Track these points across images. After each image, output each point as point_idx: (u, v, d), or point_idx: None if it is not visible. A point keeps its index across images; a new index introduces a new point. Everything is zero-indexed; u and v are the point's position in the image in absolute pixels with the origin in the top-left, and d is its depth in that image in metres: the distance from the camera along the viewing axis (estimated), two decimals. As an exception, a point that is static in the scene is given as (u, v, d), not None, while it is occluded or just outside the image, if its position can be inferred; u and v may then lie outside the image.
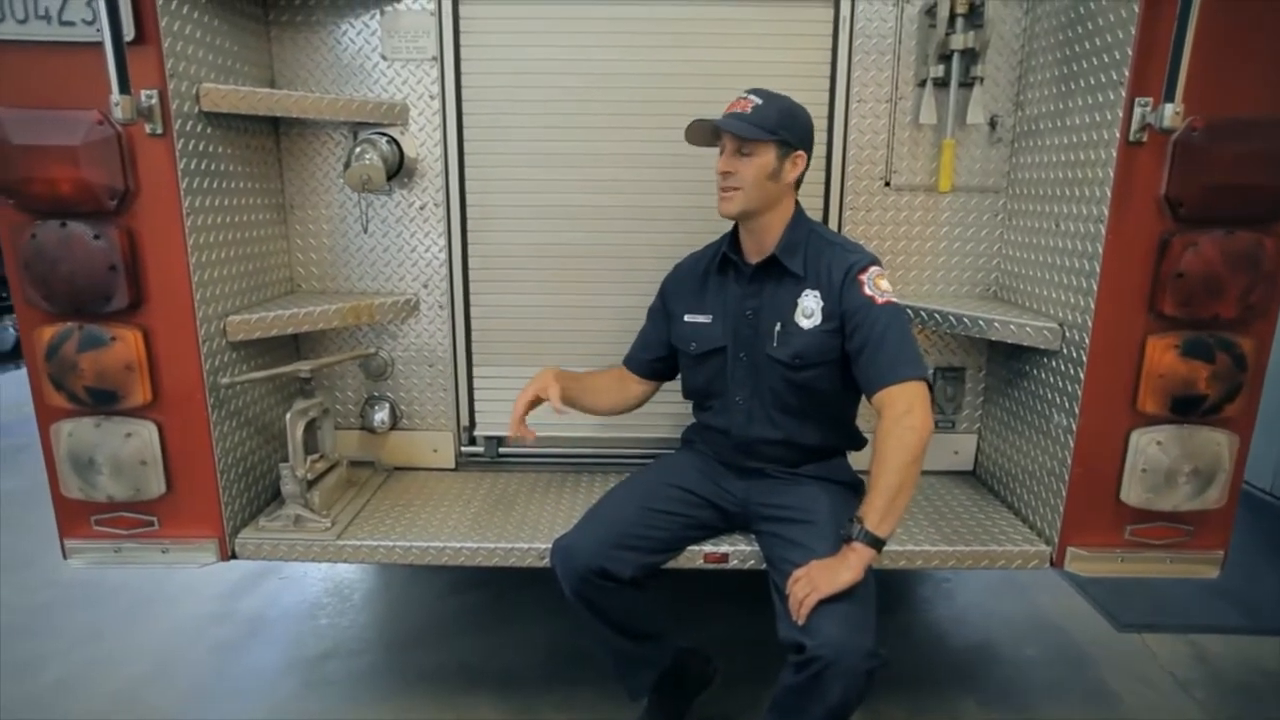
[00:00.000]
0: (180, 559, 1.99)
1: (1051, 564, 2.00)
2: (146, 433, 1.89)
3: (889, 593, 2.82)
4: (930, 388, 1.76)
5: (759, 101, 1.79)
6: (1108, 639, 2.66)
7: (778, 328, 1.87)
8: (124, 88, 1.65)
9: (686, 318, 2.02)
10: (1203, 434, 1.87)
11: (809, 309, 1.84)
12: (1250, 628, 2.71)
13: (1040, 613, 2.80)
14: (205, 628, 2.70)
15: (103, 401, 1.86)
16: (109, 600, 2.82)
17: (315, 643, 2.61)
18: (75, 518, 1.96)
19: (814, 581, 1.63)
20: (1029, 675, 2.47)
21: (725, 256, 1.96)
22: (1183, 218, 1.76)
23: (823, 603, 1.62)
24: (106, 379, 1.84)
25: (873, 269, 1.81)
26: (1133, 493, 1.90)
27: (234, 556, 2.01)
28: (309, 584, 3.00)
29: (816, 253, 1.85)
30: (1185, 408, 1.85)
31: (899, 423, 1.69)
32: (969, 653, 2.59)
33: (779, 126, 1.77)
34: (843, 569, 1.64)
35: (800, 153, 1.82)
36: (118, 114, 1.66)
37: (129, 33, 1.68)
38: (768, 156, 1.78)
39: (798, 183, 1.87)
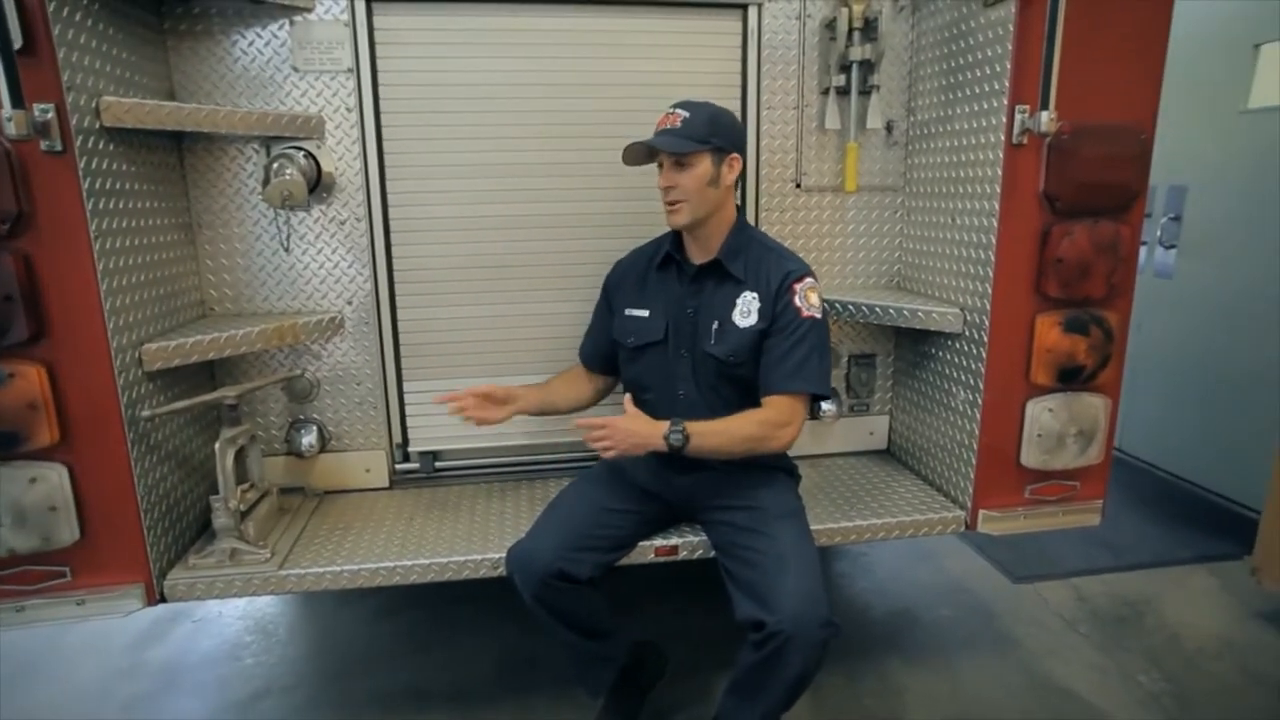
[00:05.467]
0: (100, 609, 1.84)
1: (966, 527, 2.21)
2: (55, 475, 1.73)
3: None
4: (821, 399, 1.99)
5: (686, 114, 1.86)
6: (1006, 592, 2.94)
7: (715, 326, 1.96)
8: (17, 101, 1.53)
9: (627, 311, 2.08)
10: (1084, 399, 2.13)
11: (747, 309, 1.94)
12: (1115, 566, 3.08)
13: (949, 576, 3.06)
14: (112, 685, 2.48)
15: (1, 445, 1.69)
16: (-11, 667, 2.54)
17: (243, 684, 2.46)
18: (-35, 579, 1.77)
19: (620, 430, 1.82)
20: (945, 632, 2.70)
21: (668, 255, 2.03)
22: (1059, 210, 2.00)
23: (777, 579, 1.72)
24: (4, 420, 1.67)
25: (807, 280, 1.93)
26: (1031, 456, 2.14)
27: (163, 600, 1.88)
28: (225, 624, 2.82)
29: (757, 258, 1.96)
30: (1069, 377, 2.09)
31: (772, 424, 1.88)
32: (892, 618, 2.79)
33: (710, 134, 1.85)
34: (652, 433, 1.83)
35: (734, 155, 1.91)
36: (11, 130, 1.54)
37: (16, 40, 1.55)
38: (704, 165, 1.86)
39: (737, 184, 1.96)
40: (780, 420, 1.88)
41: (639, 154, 1.91)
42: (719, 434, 1.85)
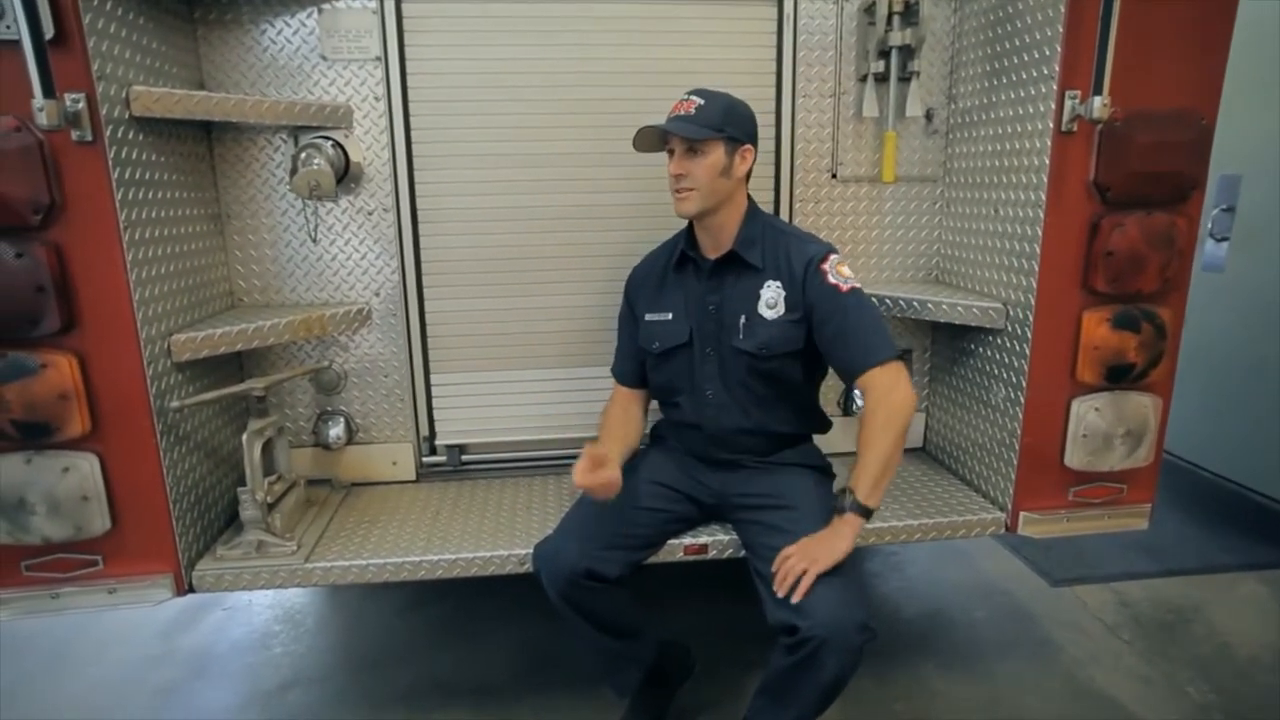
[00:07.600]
0: (130, 599, 1.85)
1: (1006, 529, 2.13)
2: (87, 465, 1.74)
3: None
4: (907, 360, 1.83)
5: (701, 101, 1.81)
6: (1044, 595, 2.85)
7: (742, 320, 1.90)
8: (48, 91, 1.52)
9: (648, 317, 2.03)
10: (1133, 399, 2.04)
11: (772, 300, 1.88)
12: (1158, 571, 2.98)
13: (984, 577, 2.98)
14: (143, 672, 2.51)
15: (34, 435, 1.70)
16: (23, 652, 2.58)
17: (273, 674, 2.48)
18: (1, 566, 1.78)
19: (811, 555, 1.67)
20: (980, 635, 2.63)
21: (683, 254, 1.97)
22: (1110, 201, 1.91)
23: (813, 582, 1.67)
24: (37, 410, 1.68)
25: (832, 257, 1.87)
26: (1075, 457, 2.05)
27: (191, 590, 1.89)
28: (255, 613, 2.84)
29: (774, 244, 1.90)
30: (1117, 375, 2.01)
31: (884, 401, 1.76)
32: (924, 620, 2.72)
33: (724, 123, 1.80)
34: (838, 540, 1.69)
35: (747, 146, 1.85)
36: (42, 120, 1.53)
37: (48, 30, 1.54)
38: (717, 154, 1.80)
39: (747, 176, 1.91)
40: (887, 389, 1.76)
41: (650, 139, 1.87)
42: (874, 463, 1.74)
